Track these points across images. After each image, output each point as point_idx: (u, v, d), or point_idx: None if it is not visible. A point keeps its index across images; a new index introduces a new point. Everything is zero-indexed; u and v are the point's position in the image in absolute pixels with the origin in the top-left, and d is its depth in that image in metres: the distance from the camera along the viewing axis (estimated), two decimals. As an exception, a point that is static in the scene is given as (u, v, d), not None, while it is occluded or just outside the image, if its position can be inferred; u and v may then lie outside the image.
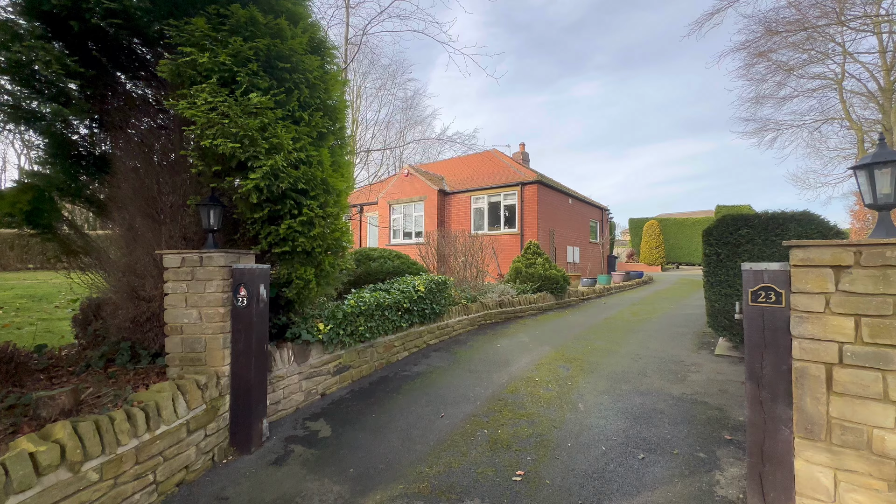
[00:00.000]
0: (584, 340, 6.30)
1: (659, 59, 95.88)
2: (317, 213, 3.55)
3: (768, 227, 4.86)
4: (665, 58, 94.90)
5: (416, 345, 5.83)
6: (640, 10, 71.70)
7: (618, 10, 70.81)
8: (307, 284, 3.95)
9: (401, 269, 6.36)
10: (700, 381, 4.35)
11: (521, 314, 8.56)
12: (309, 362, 4.07)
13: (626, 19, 75.63)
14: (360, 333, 4.63)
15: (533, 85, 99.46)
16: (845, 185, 38.64)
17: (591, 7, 72.78)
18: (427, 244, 8.97)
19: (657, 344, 6.02)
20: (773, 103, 21.11)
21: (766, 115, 22.17)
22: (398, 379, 4.70)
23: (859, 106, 19.13)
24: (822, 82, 19.50)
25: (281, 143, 3.11)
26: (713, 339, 6.21)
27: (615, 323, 7.71)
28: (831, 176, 26.77)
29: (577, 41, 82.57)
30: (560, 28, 73.85)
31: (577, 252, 16.93)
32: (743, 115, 34.26)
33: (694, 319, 7.89)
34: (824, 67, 19.40)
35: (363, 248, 6.74)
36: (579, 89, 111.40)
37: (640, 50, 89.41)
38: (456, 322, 6.83)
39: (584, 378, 4.55)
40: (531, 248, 10.18)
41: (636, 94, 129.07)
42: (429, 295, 5.88)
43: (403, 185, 16.86)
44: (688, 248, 33.51)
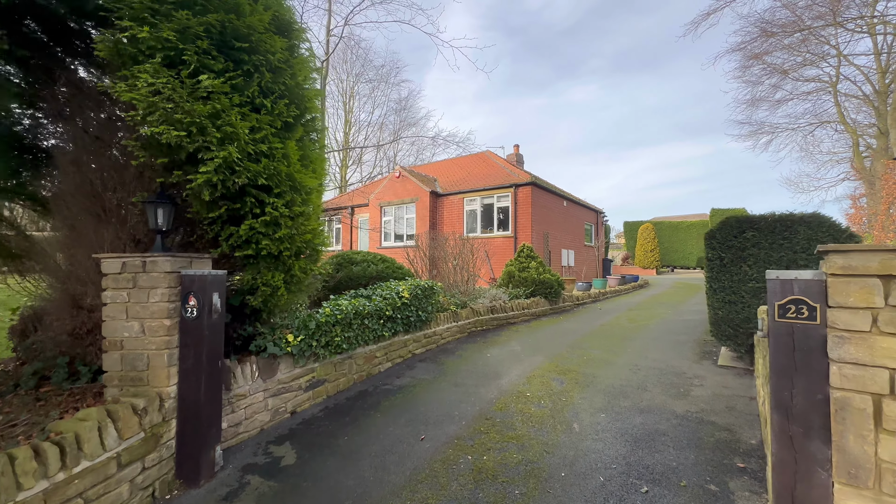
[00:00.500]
0: (580, 349, 5.95)
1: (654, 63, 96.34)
2: (282, 212, 3.18)
3: (775, 229, 4.54)
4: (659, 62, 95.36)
5: (401, 354, 5.45)
6: (634, 14, 72.01)
7: (612, 14, 71.06)
8: (275, 291, 3.58)
9: (385, 273, 5.98)
10: (705, 397, 4.01)
11: (514, 320, 8.20)
12: (277, 377, 3.68)
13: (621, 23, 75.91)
14: (337, 344, 4.25)
15: (529, 88, 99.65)
16: (839, 188, 38.64)
17: (587, 11, 73.04)
18: (416, 247, 8.60)
19: (656, 353, 5.68)
20: (768, 106, 21.04)
21: (762, 118, 22.11)
22: (378, 393, 4.32)
23: (853, 109, 19.05)
24: (816, 85, 19.42)
25: (236, 133, 2.74)
26: (715, 347, 5.89)
27: (612, 330, 7.38)
28: (824, 180, 26.80)
29: (573, 45, 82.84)
30: (556, 32, 74.06)
31: (571, 255, 16.63)
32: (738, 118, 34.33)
33: (693, 326, 7.57)
34: (819, 70, 19.32)
35: (345, 252, 6.36)
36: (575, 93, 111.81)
37: (634, 54, 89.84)
38: (444, 330, 6.46)
39: (580, 393, 4.20)
40: (524, 252, 9.84)
41: (631, 97, 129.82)
42: (414, 301, 5.50)
43: (395, 186, 16.49)
44: (682, 252, 33.40)
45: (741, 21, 19.80)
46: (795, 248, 4.42)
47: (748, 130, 21.86)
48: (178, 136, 2.56)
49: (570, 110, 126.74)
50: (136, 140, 2.77)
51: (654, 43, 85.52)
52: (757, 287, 4.61)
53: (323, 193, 4.10)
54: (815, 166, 29.46)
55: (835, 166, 22.93)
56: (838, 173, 25.01)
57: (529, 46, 79.16)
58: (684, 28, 19.38)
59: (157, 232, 2.95)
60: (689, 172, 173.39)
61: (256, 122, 2.95)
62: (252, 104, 2.97)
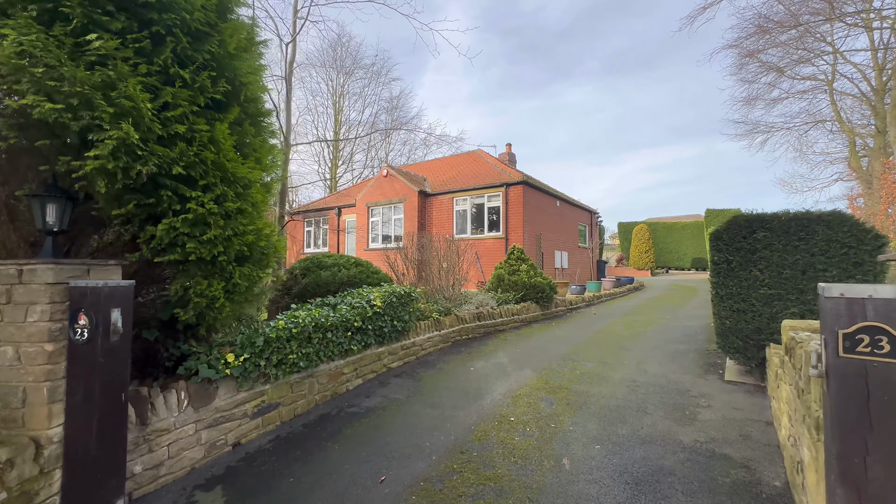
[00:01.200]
0: (572, 362, 5.43)
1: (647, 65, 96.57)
2: (210, 209, 2.62)
3: (790, 229, 4.05)
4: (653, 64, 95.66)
5: (374, 369, 4.89)
6: (628, 16, 72.09)
7: (606, 16, 71.11)
8: (212, 303, 3.03)
9: (357, 279, 5.43)
10: (714, 422, 3.49)
11: (503, 328, 7.67)
12: (214, 405, 3.11)
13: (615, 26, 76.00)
14: (293, 363, 3.68)
15: (523, 91, 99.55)
16: (833, 189, 38.65)
17: (581, 13, 73.02)
18: (397, 249, 8.05)
19: (656, 366, 5.17)
20: (763, 105, 20.74)
21: (757, 118, 21.79)
22: (341, 418, 3.77)
23: (850, 108, 18.77)
24: (812, 83, 19.13)
25: (137, 108, 2.18)
26: (719, 359, 5.39)
27: (607, 338, 6.86)
28: (818, 180, 26.58)
29: (567, 47, 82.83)
30: (550, 34, 74.05)
31: (565, 257, 16.15)
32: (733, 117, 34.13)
33: (693, 334, 7.08)
34: (814, 68, 19.06)
35: (315, 255, 5.80)
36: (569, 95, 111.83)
37: (628, 56, 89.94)
38: (425, 339, 5.91)
39: (571, 416, 3.66)
40: (515, 254, 9.32)
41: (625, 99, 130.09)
42: (388, 310, 4.95)
43: (382, 185, 15.92)
44: (677, 253, 33.13)
45: (737, 17, 19.47)
46: (813, 251, 3.93)
47: (743, 130, 21.54)
48: (55, 111, 2.00)
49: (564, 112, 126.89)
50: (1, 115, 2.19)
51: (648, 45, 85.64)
52: (769, 294, 4.12)
53: (275, 189, 3.55)
54: (809, 167, 29.35)
55: (828, 167, 22.68)
56: (832, 174, 24.81)
57: (524, 49, 79.14)
58: (680, 23, 19.02)
59: (46, 233, 2.38)
60: (682, 174, 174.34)
61: (171, 97, 2.40)
62: (165, 75, 2.41)
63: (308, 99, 31.82)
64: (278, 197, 5.19)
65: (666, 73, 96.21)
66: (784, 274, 4.06)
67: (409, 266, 7.58)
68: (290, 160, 5.30)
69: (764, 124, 21.14)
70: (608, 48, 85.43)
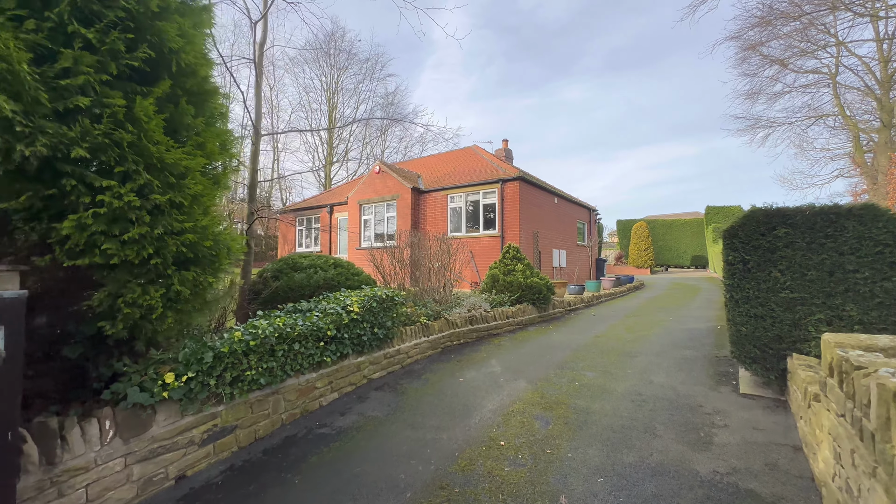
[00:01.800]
0: (571, 370, 4.98)
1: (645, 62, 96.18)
2: (130, 201, 2.15)
3: (815, 225, 3.60)
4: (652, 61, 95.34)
5: (353, 382, 4.43)
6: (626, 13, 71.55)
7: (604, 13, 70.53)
8: (148, 314, 2.59)
9: (336, 281, 4.96)
10: (734, 446, 3.05)
11: (497, 331, 7.22)
12: (150, 434, 2.65)
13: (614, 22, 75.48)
14: (252, 379, 3.22)
15: (521, 88, 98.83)
16: (833, 185, 38.27)
17: (579, 11, 72.49)
18: (384, 248, 7.58)
19: (663, 375, 4.72)
20: (765, 99, 20.30)
21: (759, 112, 21.43)
22: (309, 441, 3.31)
23: (854, 102, 18.35)
24: (815, 77, 18.70)
25: (14, 70, 1.70)
26: (731, 367, 4.95)
27: (607, 343, 6.41)
28: (818, 177, 26.21)
29: (565, 44, 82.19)
30: (548, 32, 73.50)
31: (563, 256, 15.71)
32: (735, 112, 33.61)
33: (700, 337, 6.64)
34: (818, 62, 18.64)
35: (290, 255, 5.33)
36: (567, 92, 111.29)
37: (626, 53, 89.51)
38: (412, 347, 5.45)
39: (570, 439, 3.21)
40: (510, 253, 8.87)
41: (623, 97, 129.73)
42: (368, 316, 4.49)
43: (375, 182, 15.43)
44: (677, 251, 32.76)
45: (739, 6, 18.97)
46: (842, 249, 3.48)
47: (745, 125, 21.12)
48: None
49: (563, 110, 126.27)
50: None
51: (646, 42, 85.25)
52: (791, 298, 3.67)
53: (225, 181, 3.07)
54: (809, 163, 28.95)
55: (829, 163, 22.29)
56: (832, 170, 24.49)
57: (522, 46, 78.54)
58: (682, 13, 18.50)
59: (-85, 232, 1.91)
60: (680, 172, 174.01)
61: (73, 62, 1.92)
62: (62, 34, 1.93)
63: (301, 95, 31.24)
64: (248, 192, 4.71)
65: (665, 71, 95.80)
66: (808, 275, 3.61)
67: (397, 267, 7.12)
68: (260, 151, 4.83)
69: (766, 119, 20.73)
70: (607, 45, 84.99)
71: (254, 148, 4.69)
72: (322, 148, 31.92)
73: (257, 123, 4.68)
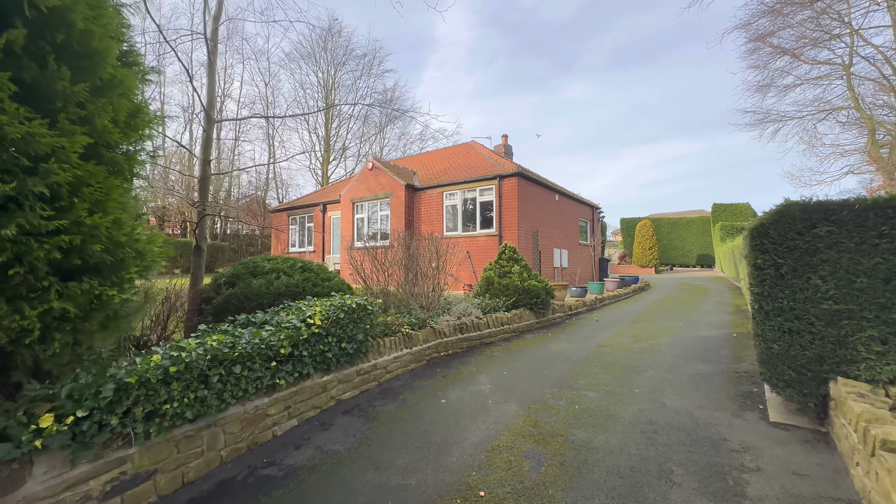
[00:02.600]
0: (570, 390, 4.35)
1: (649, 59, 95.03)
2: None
3: (866, 222, 2.96)
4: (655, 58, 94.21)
5: (317, 404, 3.83)
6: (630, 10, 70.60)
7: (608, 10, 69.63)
8: (21, 339, 2.00)
9: (301, 287, 4.36)
10: (773, 501, 2.41)
11: (491, 340, 6.60)
12: (23, 492, 2.05)
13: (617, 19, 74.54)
14: (175, 413, 2.62)
15: (524, 86, 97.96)
16: (843, 182, 37.32)
17: (582, 8, 71.62)
18: (364, 250, 6.98)
19: (676, 397, 4.09)
20: (776, 92, 19.52)
21: (769, 106, 20.66)
22: (248, 488, 2.71)
23: (869, 95, 17.57)
24: (829, 68, 17.92)
25: None
26: (754, 385, 4.31)
27: (612, 354, 5.78)
28: (827, 174, 25.37)
29: (569, 42, 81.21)
30: (551, 29, 72.66)
31: (564, 255, 15.06)
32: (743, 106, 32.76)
33: (715, 348, 6.00)
34: (830, 53, 17.88)
35: (252, 258, 4.72)
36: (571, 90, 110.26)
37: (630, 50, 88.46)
38: (391, 360, 4.85)
39: (566, 488, 2.59)
40: (506, 253, 8.24)
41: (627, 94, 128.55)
42: (334, 329, 3.88)
43: (368, 179, 14.82)
44: (682, 249, 32.03)
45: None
46: (902, 251, 2.83)
47: (754, 119, 20.34)
48: None
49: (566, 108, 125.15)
50: None
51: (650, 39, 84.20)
52: (836, 310, 3.03)
53: (131, 169, 2.46)
54: (818, 160, 28.14)
55: (838, 159, 21.52)
56: (842, 166, 23.64)
57: (525, 44, 77.76)
58: (689, 0, 17.67)
59: None
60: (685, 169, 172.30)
61: None
62: None
63: (298, 91, 30.66)
64: (198, 186, 4.10)
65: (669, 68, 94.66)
66: (857, 283, 2.97)
67: (379, 270, 6.51)
68: (213, 140, 4.23)
69: (776, 113, 19.95)
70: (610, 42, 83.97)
71: (205, 136, 4.08)
72: (319, 147, 31.34)
73: (209, 108, 4.08)
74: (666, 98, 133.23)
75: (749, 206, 25.34)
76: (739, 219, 24.56)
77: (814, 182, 23.90)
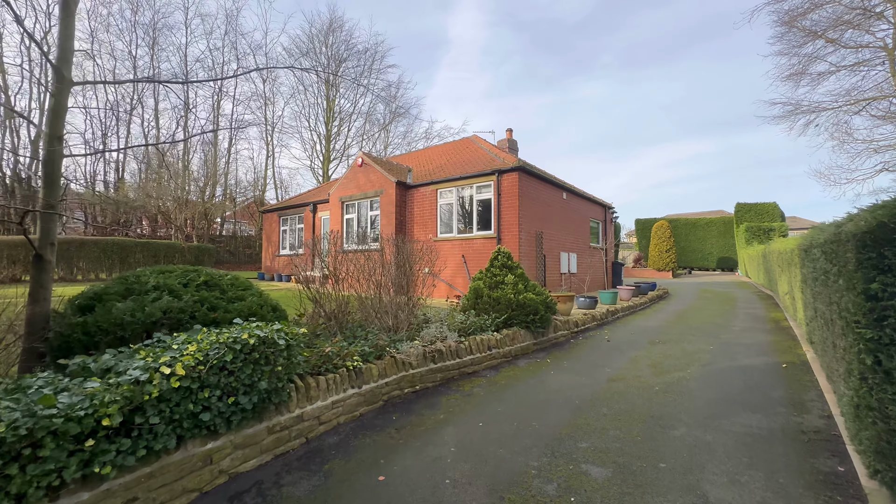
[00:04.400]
0: (566, 461, 3.06)
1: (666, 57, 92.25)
2: None
3: None
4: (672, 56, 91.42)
5: (192, 486, 2.62)
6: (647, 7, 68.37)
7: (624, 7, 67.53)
8: None
9: (191, 311, 3.16)
10: None
11: (474, 369, 5.32)
12: None
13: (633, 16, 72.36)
14: None
15: (537, 86, 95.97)
16: (877, 180, 35.03)
17: (597, 5, 69.76)
18: (327, 254, 5.77)
19: (723, 483, 2.76)
20: (808, 81, 17.80)
21: (800, 96, 18.94)
22: None
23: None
24: (870, 53, 16.17)
25: None
26: (836, 458, 2.95)
27: (626, 395, 4.45)
28: (859, 171, 23.43)
29: (583, 40, 79.26)
30: (565, 27, 71.01)
31: (573, 260, 13.67)
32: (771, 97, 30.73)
33: (762, 385, 4.62)
34: (871, 37, 16.14)
35: (138, 271, 3.54)
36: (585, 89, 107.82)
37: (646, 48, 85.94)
38: (327, 407, 3.63)
39: None
40: (500, 260, 6.95)
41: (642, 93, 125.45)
42: (215, 378, 2.66)
43: (357, 177, 13.66)
44: (701, 252, 30.21)
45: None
46: None
47: (784, 111, 18.60)
48: None
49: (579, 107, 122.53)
50: None
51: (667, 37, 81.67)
52: None
53: None
54: (849, 157, 26.13)
55: (871, 156, 19.67)
56: (875, 163, 21.69)
57: (538, 43, 76.24)
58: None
59: None
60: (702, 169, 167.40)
61: None
62: None
63: (296, 86, 29.74)
64: (42, 170, 2.92)
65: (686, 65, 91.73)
66: None
67: (331, 280, 5.29)
68: (68, 108, 3.06)
69: (808, 103, 18.24)
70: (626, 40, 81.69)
71: (54, 102, 2.92)
72: (321, 145, 30.40)
73: (62, 64, 2.92)
74: (682, 96, 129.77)
75: (776, 206, 23.49)
76: (766, 219, 22.75)
77: (844, 180, 21.99)
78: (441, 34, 63.40)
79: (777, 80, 19.30)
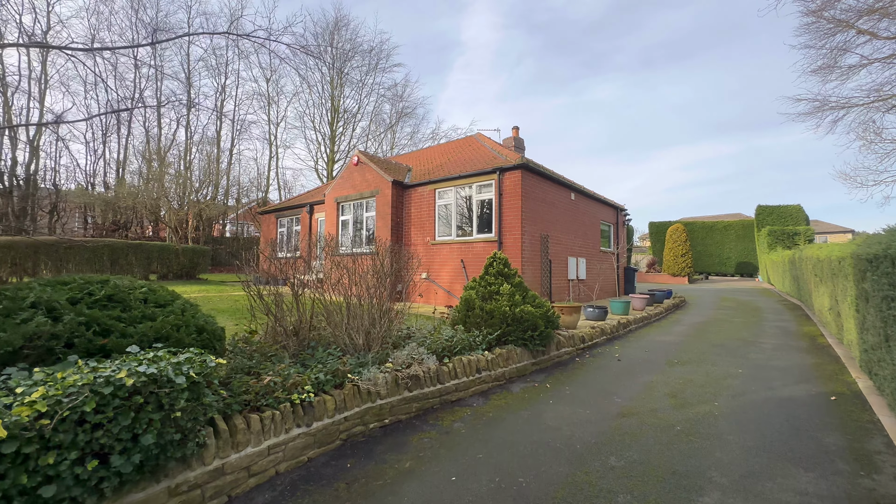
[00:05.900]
0: (558, 547, 2.26)
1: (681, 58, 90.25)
2: None
3: None
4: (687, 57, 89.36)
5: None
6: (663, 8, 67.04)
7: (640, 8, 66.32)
8: None
9: (64, 337, 2.45)
10: None
11: (458, 396, 4.54)
12: None
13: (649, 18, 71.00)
14: None
15: (551, 88, 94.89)
16: (907, 182, 33.37)
17: (612, 6, 68.53)
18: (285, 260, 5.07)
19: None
20: (837, 75, 16.61)
21: (828, 91, 17.74)
22: None
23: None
24: (907, 42, 14.95)
25: None
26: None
27: (640, 438, 3.62)
28: (887, 172, 21.99)
29: (597, 42, 78.06)
30: (580, 28, 69.97)
31: (581, 265, 12.78)
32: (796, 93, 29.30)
33: (810, 427, 3.74)
34: (906, 25, 14.93)
35: (25, 282, 2.86)
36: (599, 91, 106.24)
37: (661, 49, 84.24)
38: (260, 453, 2.89)
39: None
40: (495, 267, 6.17)
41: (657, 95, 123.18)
42: (69, 436, 1.93)
43: (353, 176, 12.99)
44: (718, 256, 28.90)
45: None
46: None
47: (810, 107, 17.37)
48: None
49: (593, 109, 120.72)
50: None
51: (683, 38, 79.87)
52: None
53: None
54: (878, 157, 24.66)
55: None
56: (911, 163, 20.29)
57: (552, 44, 75.28)
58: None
59: None
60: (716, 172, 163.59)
61: None
62: None
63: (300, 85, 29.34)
64: None
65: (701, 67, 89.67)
66: None
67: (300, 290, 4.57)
68: None
69: (836, 99, 17.05)
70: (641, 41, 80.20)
71: None
72: (325, 145, 29.93)
73: None
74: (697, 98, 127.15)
75: (800, 209, 22.19)
76: (790, 223, 21.48)
77: (871, 182, 20.64)
78: (454, 36, 62.93)
79: (804, 74, 18.12)
